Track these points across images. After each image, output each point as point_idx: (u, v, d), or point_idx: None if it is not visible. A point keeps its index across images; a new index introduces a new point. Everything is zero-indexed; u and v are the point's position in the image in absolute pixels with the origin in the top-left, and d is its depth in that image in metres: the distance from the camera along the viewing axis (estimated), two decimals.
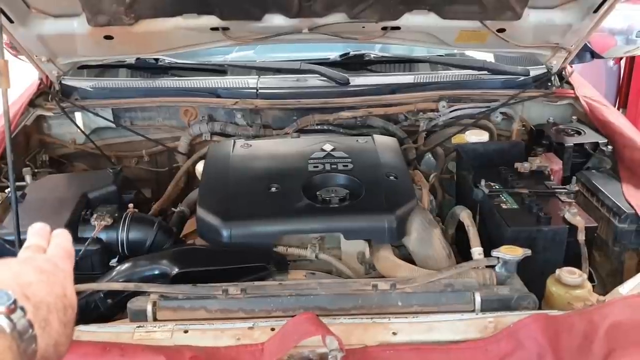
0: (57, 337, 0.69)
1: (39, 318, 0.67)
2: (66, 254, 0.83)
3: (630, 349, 1.07)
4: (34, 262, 0.76)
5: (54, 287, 0.72)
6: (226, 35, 1.96)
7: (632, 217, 1.47)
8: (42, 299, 0.69)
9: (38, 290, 0.69)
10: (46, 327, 0.67)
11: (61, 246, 0.84)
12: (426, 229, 1.48)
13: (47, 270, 0.75)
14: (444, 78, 2.25)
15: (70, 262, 0.82)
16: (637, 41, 2.72)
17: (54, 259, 0.80)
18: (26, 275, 0.72)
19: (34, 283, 0.70)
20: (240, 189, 1.53)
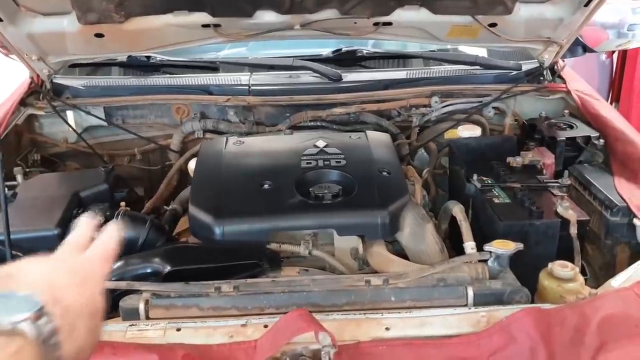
0: (82, 342, 0.68)
1: (65, 323, 0.65)
2: (105, 256, 0.80)
3: (622, 341, 1.07)
4: (67, 263, 0.74)
5: (84, 291, 0.70)
6: (217, 32, 1.95)
7: (623, 210, 1.47)
8: (71, 304, 0.67)
9: (68, 294, 0.68)
10: (72, 333, 0.66)
11: (102, 247, 0.81)
12: (419, 224, 1.48)
13: (80, 272, 0.73)
14: (437, 73, 2.24)
15: (107, 265, 0.79)
16: (629, 35, 2.72)
17: (90, 261, 0.77)
18: (57, 276, 0.70)
19: (64, 286, 0.69)
20: (233, 186, 1.53)
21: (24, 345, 0.60)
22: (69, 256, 0.78)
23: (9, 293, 0.64)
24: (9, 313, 0.61)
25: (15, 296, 0.63)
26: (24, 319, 0.61)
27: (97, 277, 0.75)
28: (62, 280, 0.70)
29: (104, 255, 0.80)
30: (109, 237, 0.83)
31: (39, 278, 0.68)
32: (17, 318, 0.61)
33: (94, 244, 0.81)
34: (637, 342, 1.08)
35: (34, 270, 0.70)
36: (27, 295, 0.64)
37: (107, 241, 0.82)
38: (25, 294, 0.64)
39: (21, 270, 0.69)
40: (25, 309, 0.62)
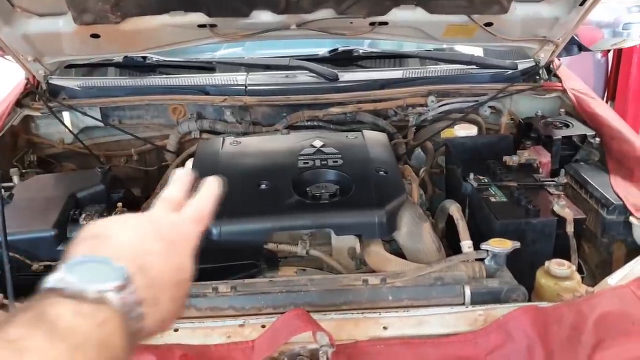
0: (165, 314, 0.66)
1: (149, 294, 0.63)
2: (200, 216, 0.76)
3: (618, 339, 1.08)
4: (157, 225, 0.70)
5: (171, 259, 0.67)
6: (214, 32, 1.95)
7: (620, 208, 1.47)
8: (157, 274, 0.65)
9: (155, 263, 0.65)
10: (155, 305, 0.64)
11: (198, 206, 0.77)
12: (416, 223, 1.49)
13: (169, 238, 0.69)
14: (433, 73, 2.25)
15: (199, 227, 0.75)
16: (624, 34, 2.73)
17: (182, 224, 0.73)
18: (146, 241, 0.67)
19: (152, 253, 0.66)
20: (230, 187, 1.51)
21: (110, 315, 0.58)
22: (161, 215, 0.74)
23: (96, 258, 0.62)
24: (95, 280, 0.59)
25: (102, 262, 0.61)
26: (111, 288, 0.59)
27: (188, 240, 0.72)
28: (150, 246, 0.67)
29: (198, 216, 0.76)
30: (207, 194, 0.79)
31: (127, 243, 0.66)
32: (104, 287, 0.59)
33: (190, 202, 0.77)
34: (633, 340, 1.09)
35: (122, 232, 0.67)
36: (112, 262, 0.61)
37: (204, 199, 0.78)
38: (112, 260, 0.62)
39: (110, 231, 0.67)
40: (111, 277, 0.60)
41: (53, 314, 0.54)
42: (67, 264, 0.60)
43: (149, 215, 0.74)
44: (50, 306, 0.55)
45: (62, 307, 0.55)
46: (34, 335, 0.52)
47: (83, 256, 0.62)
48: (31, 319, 0.54)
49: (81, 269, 0.60)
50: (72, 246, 0.65)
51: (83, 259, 0.61)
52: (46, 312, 0.55)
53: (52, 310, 0.55)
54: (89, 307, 0.56)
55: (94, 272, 0.60)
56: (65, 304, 0.56)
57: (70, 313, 0.55)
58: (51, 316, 0.54)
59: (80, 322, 0.55)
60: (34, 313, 0.55)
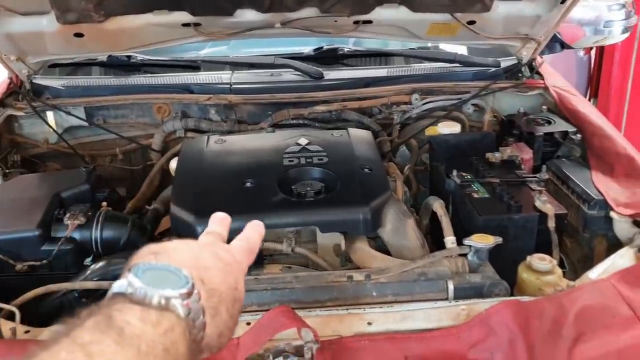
0: (223, 327, 0.67)
1: (210, 305, 0.65)
2: (248, 249, 0.81)
3: (598, 332, 1.10)
4: (213, 248, 0.74)
5: (227, 277, 0.70)
6: (198, 31, 1.95)
7: (600, 204, 1.49)
8: (216, 287, 0.67)
9: (213, 277, 0.67)
10: (215, 316, 0.66)
11: (247, 240, 0.82)
12: (400, 219, 1.50)
13: (224, 258, 0.72)
14: (417, 71, 2.26)
15: (249, 258, 0.80)
16: (605, 31, 2.77)
17: (234, 250, 0.78)
18: (204, 259, 0.70)
19: (210, 268, 0.68)
20: (215, 185, 1.53)
21: (175, 323, 0.58)
22: (214, 242, 0.78)
23: (160, 265, 0.63)
24: (161, 286, 0.59)
25: (168, 269, 0.62)
26: (176, 295, 0.60)
27: (239, 265, 0.75)
28: (208, 263, 0.69)
29: (249, 247, 0.81)
30: (254, 231, 0.85)
31: (187, 257, 0.68)
32: (169, 293, 0.59)
33: (240, 236, 0.83)
34: (613, 333, 1.11)
35: (181, 250, 0.69)
36: (178, 269, 0.62)
37: (252, 235, 0.84)
38: (176, 268, 0.63)
39: (168, 248, 0.68)
40: (176, 284, 0.61)
41: (121, 319, 0.55)
42: (134, 270, 0.61)
43: (205, 241, 0.78)
44: (118, 312, 0.56)
45: (130, 313, 0.56)
46: (104, 341, 0.53)
47: (149, 262, 0.63)
48: (100, 324, 0.55)
49: (148, 275, 0.61)
50: (134, 258, 0.66)
51: (150, 266, 0.62)
52: (114, 318, 0.55)
53: (120, 316, 0.55)
54: (155, 314, 0.57)
55: (160, 279, 0.60)
56: (133, 310, 0.57)
57: (137, 319, 0.56)
58: (119, 322, 0.55)
59: (147, 329, 0.56)
60: (102, 318, 0.55)
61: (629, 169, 1.56)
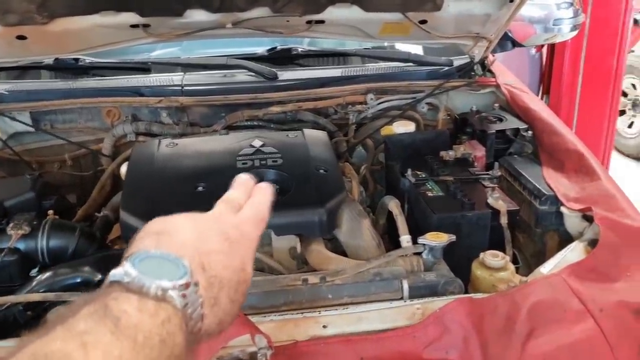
0: (223, 315, 0.65)
1: (209, 295, 0.63)
2: (258, 219, 0.77)
3: (550, 326, 1.11)
4: (221, 225, 0.71)
5: (233, 260, 0.68)
6: (147, 33, 1.90)
7: (551, 199, 1.52)
8: (217, 274, 0.65)
9: (215, 262, 0.65)
10: (214, 306, 0.64)
11: (256, 208, 0.79)
12: (356, 220, 1.49)
13: (231, 237, 0.70)
14: (372, 71, 2.26)
15: (259, 229, 0.77)
16: (555, 29, 2.84)
17: (244, 224, 0.74)
18: (209, 240, 0.67)
19: (213, 252, 0.66)
20: (165, 190, 1.49)
21: (172, 314, 0.57)
22: (223, 216, 0.75)
23: (161, 254, 0.61)
24: (159, 276, 0.58)
25: (167, 258, 0.61)
26: (174, 286, 0.58)
27: (248, 242, 0.73)
28: (212, 245, 0.67)
29: (258, 217, 0.77)
30: (263, 198, 0.81)
31: (191, 240, 0.65)
32: (167, 284, 0.58)
33: (249, 203, 0.79)
34: (565, 327, 1.12)
35: (186, 229, 0.67)
36: (177, 259, 0.61)
37: (262, 202, 0.80)
38: (175, 257, 0.61)
39: (173, 227, 0.67)
40: (175, 275, 0.59)
41: (117, 309, 0.54)
42: (131, 258, 0.59)
43: (213, 214, 0.75)
44: (115, 301, 0.55)
45: (127, 302, 0.55)
46: (99, 330, 0.52)
47: (148, 251, 0.61)
48: (95, 313, 0.54)
49: (145, 264, 0.59)
50: (136, 239, 0.65)
51: (148, 254, 0.61)
52: (110, 307, 0.54)
53: (117, 306, 0.54)
54: (152, 304, 0.56)
55: (158, 268, 0.59)
56: (130, 299, 0.55)
57: (134, 309, 0.55)
58: (115, 311, 0.54)
59: (144, 319, 0.55)
60: (99, 306, 0.54)
61: (578, 165, 1.59)
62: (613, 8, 3.70)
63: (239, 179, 0.84)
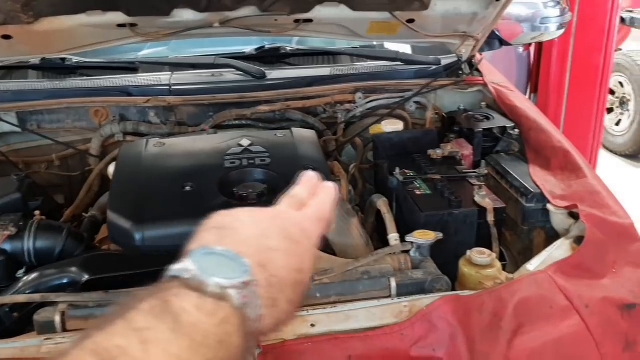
0: (280, 315, 0.64)
1: (268, 295, 0.62)
2: (321, 218, 0.76)
3: (537, 323, 1.12)
4: (282, 222, 0.70)
5: (291, 260, 0.67)
6: (134, 32, 1.90)
7: (538, 197, 1.53)
8: (276, 273, 0.64)
9: (276, 261, 0.64)
10: (272, 307, 0.63)
11: (319, 207, 0.77)
12: (344, 219, 1.50)
13: (292, 236, 0.69)
14: (360, 70, 2.27)
15: (321, 229, 0.75)
16: (542, 28, 2.85)
17: (306, 222, 0.73)
18: (270, 237, 0.66)
19: (273, 250, 0.65)
20: (153, 190, 1.49)
21: (230, 314, 0.56)
22: (285, 212, 0.74)
23: (219, 250, 0.60)
24: (219, 274, 0.57)
25: (226, 255, 0.60)
26: (233, 285, 0.57)
27: (308, 242, 0.71)
28: (273, 243, 0.66)
29: (320, 216, 0.76)
30: (327, 197, 0.80)
31: (252, 237, 0.65)
32: (226, 282, 0.57)
33: (312, 202, 0.78)
34: (551, 323, 1.13)
35: (249, 226, 0.66)
36: (238, 257, 0.60)
37: (325, 201, 0.78)
38: (235, 254, 0.60)
39: (235, 223, 0.66)
40: (234, 273, 0.58)
41: (177, 306, 0.54)
42: (193, 253, 0.59)
43: (276, 210, 0.74)
44: (175, 297, 0.55)
45: (186, 300, 0.55)
46: (159, 327, 0.51)
47: (209, 247, 0.61)
48: (156, 309, 0.53)
49: (206, 260, 0.59)
50: (198, 234, 0.65)
51: (209, 250, 0.60)
52: (170, 303, 0.54)
53: (177, 303, 0.54)
54: (210, 303, 0.56)
55: (218, 265, 0.59)
56: (189, 296, 0.55)
57: (193, 307, 0.54)
58: (175, 308, 0.54)
59: (203, 318, 0.54)
60: (159, 302, 0.54)
61: (564, 162, 1.60)
62: (600, 7, 3.72)
63: (305, 175, 0.83)
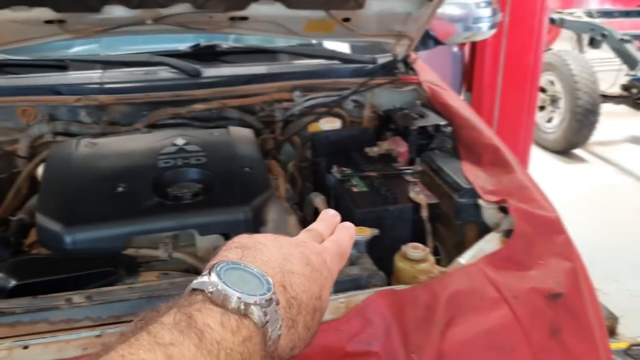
0: (297, 340, 0.63)
1: (288, 316, 0.62)
2: (340, 253, 0.78)
3: (468, 314, 1.16)
4: (304, 250, 0.70)
5: (312, 285, 0.67)
6: (63, 29, 1.84)
7: (470, 192, 1.57)
8: (297, 296, 0.64)
9: (297, 285, 0.64)
10: (291, 328, 0.62)
11: (339, 243, 0.79)
12: (282, 217, 1.50)
13: (313, 264, 0.69)
14: (298, 68, 2.27)
15: (340, 263, 0.77)
16: (474, 28, 2.94)
17: (325, 254, 0.73)
18: (292, 262, 0.66)
19: (295, 274, 0.65)
20: (84, 191, 1.44)
21: (253, 333, 0.55)
22: (308, 242, 0.75)
23: (242, 266, 0.59)
24: (241, 289, 0.56)
25: (250, 271, 0.59)
26: (256, 302, 0.56)
27: (328, 273, 0.72)
28: (294, 267, 0.66)
29: (341, 251, 0.77)
30: (347, 234, 0.82)
31: (275, 258, 0.64)
32: (249, 299, 0.56)
33: (332, 238, 0.80)
34: (482, 314, 1.17)
35: (271, 248, 0.66)
36: (261, 274, 0.59)
37: (345, 237, 0.80)
38: (259, 272, 0.59)
39: (258, 244, 0.65)
40: (257, 290, 0.57)
41: (202, 322, 0.53)
42: (216, 268, 0.58)
43: (298, 239, 0.76)
44: (199, 313, 0.54)
45: (210, 315, 0.54)
46: (183, 343, 0.51)
47: (234, 262, 0.60)
48: (180, 324, 0.53)
49: (230, 275, 0.58)
50: (220, 251, 0.64)
51: (233, 265, 0.59)
52: (194, 318, 0.54)
53: (200, 318, 0.54)
54: (234, 319, 0.55)
55: (241, 281, 0.58)
56: (213, 312, 0.55)
57: (217, 323, 0.54)
58: (199, 324, 0.53)
59: (227, 335, 0.54)
60: (182, 317, 0.54)
61: (494, 158, 1.65)
62: (529, 8, 3.86)
63: (325, 213, 0.85)
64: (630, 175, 5.40)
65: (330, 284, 0.73)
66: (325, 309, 0.71)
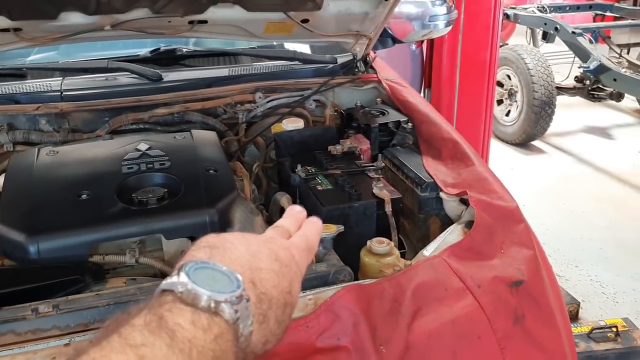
0: (269, 335, 0.64)
1: (258, 311, 0.62)
2: (307, 248, 0.79)
3: (433, 305, 1.19)
4: (272, 246, 0.71)
5: (282, 280, 0.68)
6: (19, 37, 1.81)
7: (431, 186, 1.61)
8: (267, 291, 0.64)
9: (266, 280, 0.65)
10: (263, 323, 0.63)
11: (306, 237, 0.80)
12: (248, 218, 1.51)
13: (281, 259, 0.70)
14: (259, 70, 2.28)
15: (308, 257, 0.78)
16: (431, 25, 3.01)
17: (293, 249, 0.75)
18: (261, 259, 0.67)
19: (264, 270, 0.66)
20: (47, 200, 1.43)
21: (224, 330, 0.55)
22: (275, 238, 0.76)
23: (212, 264, 0.59)
24: (212, 288, 0.57)
25: (219, 270, 0.59)
26: (226, 299, 0.56)
27: (296, 267, 0.73)
28: (263, 264, 0.66)
29: (308, 245, 0.78)
30: (313, 229, 0.83)
31: (242, 256, 0.64)
32: (219, 296, 0.56)
33: (299, 233, 0.81)
34: (447, 304, 1.21)
35: (237, 246, 0.66)
36: (230, 272, 0.59)
37: (312, 232, 0.81)
38: (228, 270, 0.59)
39: (225, 243, 0.66)
40: (227, 287, 0.58)
41: (172, 321, 0.54)
42: (185, 267, 0.58)
43: (265, 236, 0.77)
44: (169, 312, 0.55)
45: (181, 315, 0.55)
46: (155, 343, 0.51)
47: (202, 261, 0.60)
48: (151, 324, 0.53)
49: (199, 274, 0.58)
50: (188, 252, 0.64)
51: (202, 264, 0.59)
52: (165, 319, 0.54)
53: (171, 318, 0.54)
54: (205, 318, 0.56)
55: (211, 279, 0.58)
56: (183, 311, 0.55)
57: (188, 322, 0.55)
58: (170, 324, 0.54)
59: (198, 333, 0.54)
60: (153, 318, 0.54)
61: (454, 152, 1.70)
62: (483, 4, 3.94)
63: (291, 210, 0.86)
64: (588, 164, 5.57)
65: (299, 278, 0.75)
66: (295, 303, 0.72)
